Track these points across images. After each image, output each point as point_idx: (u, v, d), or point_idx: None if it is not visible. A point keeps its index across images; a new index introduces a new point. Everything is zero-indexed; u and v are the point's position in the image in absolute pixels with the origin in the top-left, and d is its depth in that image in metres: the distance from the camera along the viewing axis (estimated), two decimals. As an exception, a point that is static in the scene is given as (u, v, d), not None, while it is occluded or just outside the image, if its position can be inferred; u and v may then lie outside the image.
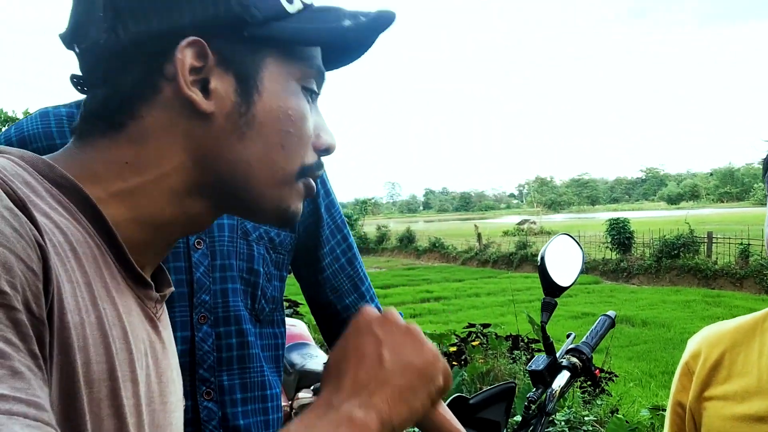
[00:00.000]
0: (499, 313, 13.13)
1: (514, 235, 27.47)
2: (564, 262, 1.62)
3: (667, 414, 1.30)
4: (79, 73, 0.62)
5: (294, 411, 3.09)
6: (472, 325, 5.16)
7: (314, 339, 3.99)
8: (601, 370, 4.53)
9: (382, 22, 0.66)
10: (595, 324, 1.65)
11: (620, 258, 20.36)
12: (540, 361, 1.54)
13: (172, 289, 0.70)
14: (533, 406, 1.51)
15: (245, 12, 0.58)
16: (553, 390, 1.49)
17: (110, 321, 0.54)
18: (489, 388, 1.60)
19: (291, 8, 0.62)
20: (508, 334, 5.27)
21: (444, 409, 1.31)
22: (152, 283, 0.62)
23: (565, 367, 1.52)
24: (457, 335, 5.15)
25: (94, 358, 0.51)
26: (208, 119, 0.60)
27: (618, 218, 21.62)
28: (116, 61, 0.59)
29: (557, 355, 1.60)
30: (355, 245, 1.31)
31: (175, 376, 0.67)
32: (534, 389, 1.52)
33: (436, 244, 28.74)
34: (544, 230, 34.33)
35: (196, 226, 0.66)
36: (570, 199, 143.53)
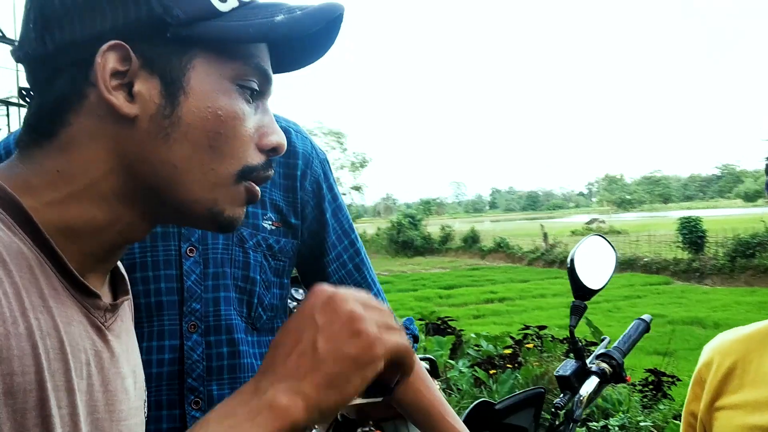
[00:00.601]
0: (564, 314, 12.85)
1: (583, 235, 26.88)
2: (595, 265, 1.57)
3: (681, 424, 1.25)
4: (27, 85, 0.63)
5: (340, 413, 3.09)
6: (528, 327, 5.08)
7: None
8: (662, 374, 4.39)
9: (319, 15, 0.64)
10: (628, 328, 1.60)
11: (692, 258, 19.68)
12: (568, 366, 1.50)
13: (129, 297, 0.70)
14: (560, 413, 1.47)
15: (166, 13, 0.58)
16: (581, 396, 1.44)
17: (44, 331, 0.54)
18: (517, 393, 1.56)
19: (223, 6, 0.61)
20: (565, 336, 5.16)
21: (452, 418, 1.29)
22: (97, 292, 0.62)
23: (594, 373, 1.47)
24: (512, 337, 5.07)
25: (19, 369, 0.51)
26: (132, 123, 0.59)
27: (689, 217, 20.93)
28: (45, 70, 0.59)
29: (588, 360, 1.55)
30: (363, 251, 1.29)
31: (129, 384, 0.67)
32: (561, 395, 1.48)
33: (501, 244, 28.43)
34: (614, 229, 33.50)
35: (134, 235, 0.66)
36: (641, 197, 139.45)
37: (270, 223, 1.13)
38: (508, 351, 4.78)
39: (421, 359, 3.17)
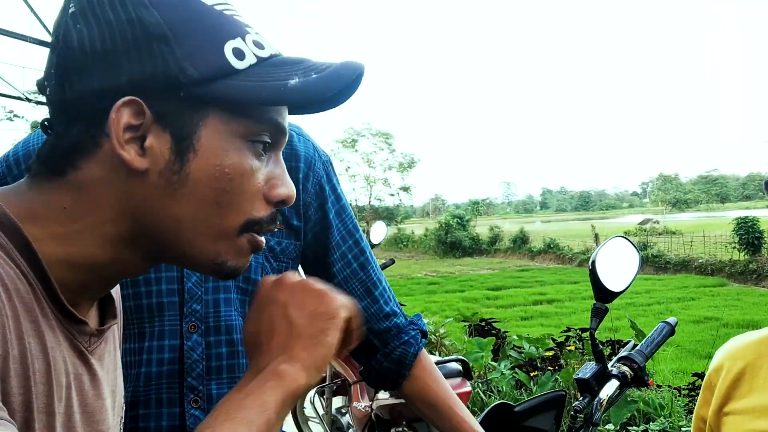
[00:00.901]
0: (614, 316, 12.64)
1: (636, 236, 26.34)
2: (618, 266, 1.55)
3: (692, 429, 1.23)
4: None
5: (374, 412, 3.11)
6: (570, 329, 5.01)
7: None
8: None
9: (335, 79, 0.64)
10: (652, 331, 1.57)
11: (749, 259, 19.07)
12: (587, 369, 1.48)
13: (116, 321, 0.73)
14: (579, 416, 1.46)
15: (181, 73, 0.59)
16: (600, 399, 1.43)
17: (34, 355, 0.56)
18: (537, 395, 1.56)
19: (240, 64, 0.62)
20: (608, 339, 5.08)
21: (463, 411, 1.29)
22: (85, 320, 0.64)
23: (614, 376, 1.46)
24: (554, 339, 5.01)
25: (14, 390, 0.53)
26: (141, 176, 0.61)
27: (746, 217, 20.27)
28: (63, 114, 0.62)
29: (610, 363, 1.53)
30: (368, 250, 1.30)
31: (108, 404, 0.70)
32: (581, 398, 1.47)
33: (551, 245, 28.06)
34: (668, 230, 32.68)
35: (131, 272, 0.68)
36: (697, 197, 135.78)
37: None
38: (549, 353, 4.73)
39: (453, 360, 3.17)
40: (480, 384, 5.01)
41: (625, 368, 1.47)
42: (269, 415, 0.62)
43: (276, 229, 0.72)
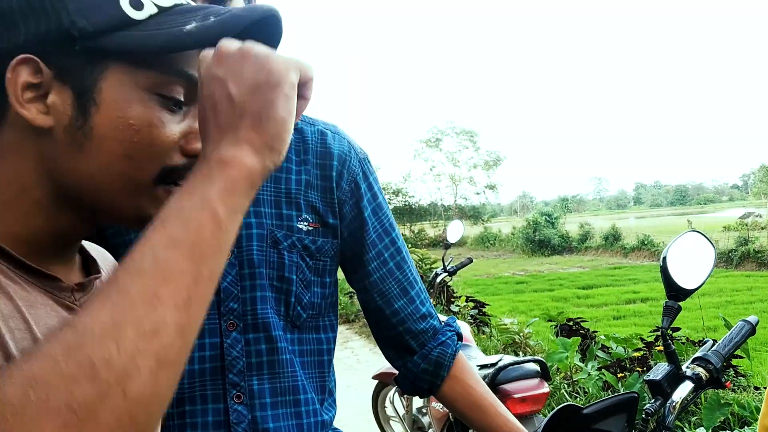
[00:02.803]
0: (713, 315, 12.05)
1: (736, 230, 25.03)
2: (692, 263, 1.48)
3: None
4: None
5: (452, 413, 3.09)
6: (659, 329, 4.80)
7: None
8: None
9: (233, 22, 0.64)
10: (731, 330, 1.49)
11: None
12: (660, 370, 1.43)
13: (99, 276, 0.73)
14: (651, 419, 1.40)
15: (73, 26, 0.60)
16: (673, 402, 1.37)
17: (5, 314, 0.57)
18: (607, 397, 1.50)
19: (139, 15, 0.62)
20: (701, 338, 4.83)
21: (505, 411, 1.26)
22: (54, 275, 0.65)
23: (688, 378, 1.39)
24: (642, 339, 4.81)
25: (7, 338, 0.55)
26: (49, 134, 0.62)
27: None
28: None
29: (685, 364, 1.46)
30: (405, 249, 1.29)
31: None
32: (652, 400, 1.41)
33: (645, 242, 27.02)
34: (772, 224, 30.89)
35: (79, 234, 0.69)
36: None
37: (306, 224, 1.15)
38: (637, 354, 4.56)
39: (531, 360, 3.11)
40: (566, 385, 4.88)
41: (699, 369, 1.40)
42: (213, 210, 0.57)
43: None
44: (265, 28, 0.68)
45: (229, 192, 0.58)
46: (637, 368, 4.36)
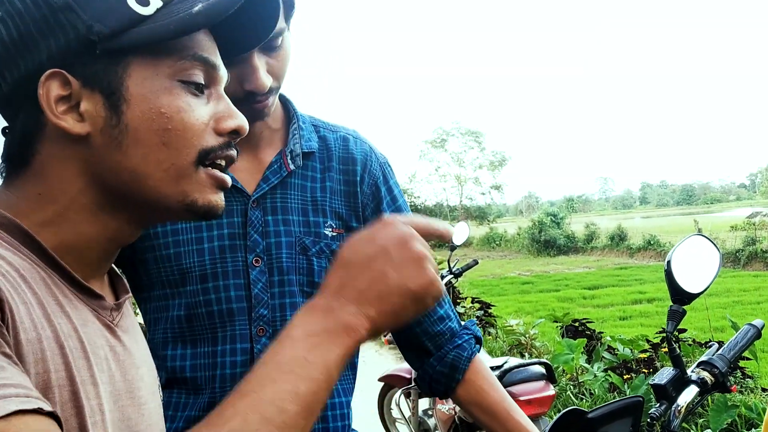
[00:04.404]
0: (720, 315, 12.00)
1: (744, 230, 24.93)
2: (696, 266, 1.48)
3: None
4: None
5: (457, 415, 3.09)
6: (664, 330, 4.78)
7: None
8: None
9: None
10: (736, 334, 1.49)
11: None
12: (665, 374, 1.43)
13: (129, 295, 0.76)
14: (656, 424, 1.40)
15: (90, 32, 0.62)
16: (678, 406, 1.37)
17: (66, 333, 0.60)
18: (612, 401, 1.50)
19: (146, 10, 0.65)
20: (708, 339, 4.82)
21: (519, 415, 1.26)
22: (102, 294, 0.68)
23: (693, 382, 1.39)
24: (648, 340, 4.80)
25: (52, 367, 0.57)
26: (87, 140, 0.65)
27: None
28: (8, 108, 0.66)
29: (690, 368, 1.46)
30: None
31: (144, 372, 0.74)
32: (657, 405, 1.41)
33: (651, 242, 26.95)
34: (779, 223, 30.73)
35: (126, 238, 0.71)
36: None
37: (331, 229, 1.18)
38: (643, 355, 4.55)
39: (536, 363, 3.11)
40: (571, 387, 4.88)
41: (705, 374, 1.40)
42: (330, 372, 0.64)
43: (235, 154, 0.72)
44: (264, 3, 0.73)
45: (343, 360, 0.66)
46: (644, 370, 4.36)
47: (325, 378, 0.63)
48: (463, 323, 1.34)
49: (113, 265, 0.78)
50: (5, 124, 0.69)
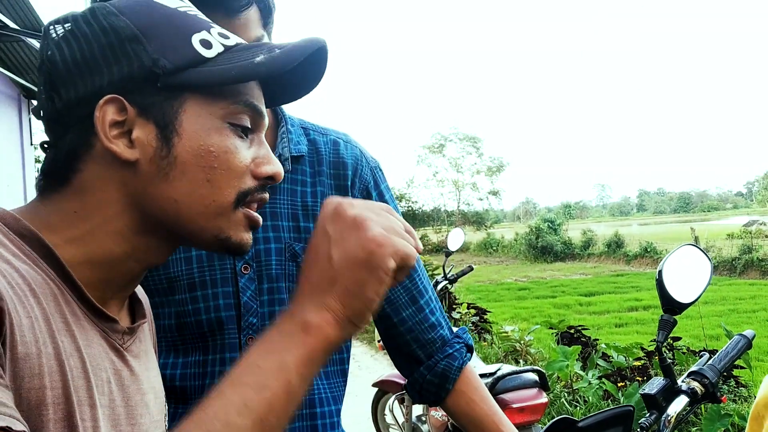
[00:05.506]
0: (716, 323, 12.01)
1: (740, 238, 24.97)
2: (688, 276, 1.48)
3: None
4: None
5: (450, 422, 3.09)
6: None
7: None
8: None
9: (296, 53, 0.70)
10: (726, 345, 1.49)
11: None
12: (655, 384, 1.43)
13: (146, 320, 0.77)
14: (646, 433, 1.40)
15: (155, 65, 0.65)
16: (668, 416, 1.37)
17: (67, 352, 0.60)
18: (603, 411, 1.50)
19: (209, 53, 0.68)
20: (702, 348, 4.83)
21: (507, 428, 1.26)
22: (114, 317, 0.69)
23: (683, 392, 1.39)
24: (643, 348, 4.81)
25: (49, 384, 0.57)
26: (134, 166, 0.67)
27: None
28: (56, 125, 0.67)
29: (681, 378, 1.46)
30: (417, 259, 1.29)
31: (150, 399, 0.73)
32: (648, 414, 1.41)
33: (648, 249, 26.98)
34: (776, 232, 30.77)
35: (152, 261, 0.72)
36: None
37: None
38: (638, 363, 4.55)
39: (529, 370, 3.11)
40: (566, 394, 4.88)
41: (695, 384, 1.40)
42: (289, 378, 0.61)
43: (267, 197, 0.74)
44: (318, 55, 0.75)
45: (305, 362, 0.63)
46: (638, 378, 4.36)
47: (282, 384, 0.61)
48: (455, 330, 1.33)
49: (139, 287, 0.78)
50: (45, 138, 0.70)
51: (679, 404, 1.37)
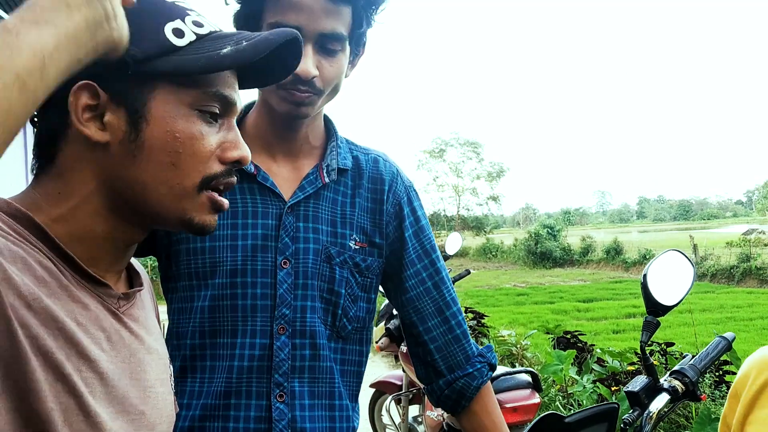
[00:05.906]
0: (711, 331, 12.06)
1: (739, 247, 25.01)
2: (671, 280, 1.55)
3: None
4: None
5: (445, 422, 3.15)
6: (653, 344, 4.86)
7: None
8: None
9: (262, 45, 0.74)
10: (708, 345, 1.56)
11: None
12: (638, 382, 1.50)
13: (142, 288, 0.83)
14: (629, 429, 1.47)
15: (126, 54, 0.69)
16: (650, 412, 1.44)
17: (64, 310, 0.66)
18: (589, 407, 1.56)
19: (180, 42, 0.72)
20: (695, 353, 4.87)
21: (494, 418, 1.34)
22: (106, 282, 0.74)
23: (665, 390, 1.46)
24: (637, 353, 4.86)
25: (44, 333, 0.63)
26: (105, 148, 0.71)
27: None
28: (39, 108, 0.71)
29: (663, 377, 1.53)
30: (444, 272, 1.38)
31: (154, 358, 0.80)
32: (631, 411, 1.48)
33: (647, 256, 27.02)
34: (775, 240, 30.80)
35: (133, 239, 0.78)
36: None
37: (355, 242, 1.26)
38: (631, 368, 4.60)
39: (523, 372, 3.17)
40: (560, 397, 4.94)
41: (676, 382, 1.47)
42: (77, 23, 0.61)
43: (235, 181, 0.79)
44: (290, 48, 0.79)
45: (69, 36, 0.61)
46: (631, 382, 4.40)
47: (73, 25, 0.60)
48: (480, 348, 1.40)
49: (136, 260, 0.84)
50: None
51: (660, 401, 1.44)
